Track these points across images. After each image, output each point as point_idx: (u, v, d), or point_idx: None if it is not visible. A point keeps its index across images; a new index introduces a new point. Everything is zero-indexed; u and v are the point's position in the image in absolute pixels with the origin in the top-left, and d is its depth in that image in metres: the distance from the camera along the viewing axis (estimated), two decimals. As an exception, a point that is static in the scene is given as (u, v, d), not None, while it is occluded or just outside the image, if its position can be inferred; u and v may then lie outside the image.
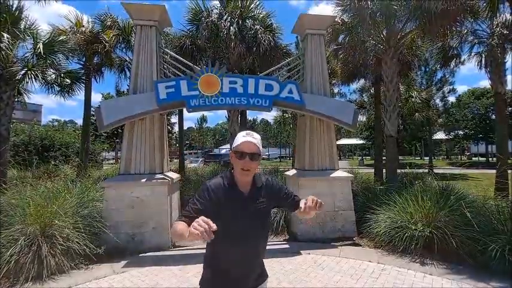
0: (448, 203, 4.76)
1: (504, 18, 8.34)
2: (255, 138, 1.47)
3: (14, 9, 6.80)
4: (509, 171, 7.76)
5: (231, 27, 8.28)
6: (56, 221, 4.09)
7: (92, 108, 10.91)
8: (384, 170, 8.79)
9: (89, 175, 7.80)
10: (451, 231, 4.26)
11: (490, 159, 29.87)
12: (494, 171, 7.95)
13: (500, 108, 8.60)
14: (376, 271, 4.07)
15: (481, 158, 35.79)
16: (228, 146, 11.03)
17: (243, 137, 1.47)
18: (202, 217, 1.12)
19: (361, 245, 5.20)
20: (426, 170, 9.14)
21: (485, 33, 8.71)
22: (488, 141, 28.22)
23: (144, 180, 5.17)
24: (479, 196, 5.41)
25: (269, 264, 4.21)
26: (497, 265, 3.79)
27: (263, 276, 1.65)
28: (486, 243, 3.99)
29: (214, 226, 1.08)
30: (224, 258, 1.51)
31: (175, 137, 39.69)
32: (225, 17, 8.53)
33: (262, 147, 1.59)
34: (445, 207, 4.67)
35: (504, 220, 4.24)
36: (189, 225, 1.17)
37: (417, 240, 4.34)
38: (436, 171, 16.89)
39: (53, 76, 7.84)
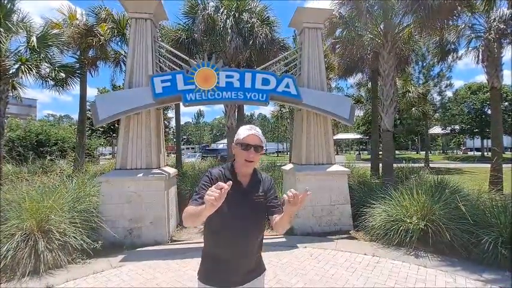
0: (442, 196, 4.81)
1: (501, 13, 8.33)
2: (258, 131, 1.59)
3: (5, 1, 6.66)
4: (503, 165, 7.85)
5: (228, 21, 8.19)
6: (52, 216, 4.08)
7: (87, 103, 10.81)
8: (381, 165, 8.85)
9: (86, 170, 7.77)
10: (446, 225, 4.31)
11: (485, 153, 30.17)
12: (489, 165, 8.03)
13: (495, 102, 8.65)
14: (371, 264, 4.13)
15: (476, 153, 36.14)
16: (225, 140, 11.00)
17: (248, 131, 1.58)
18: (211, 188, 1.20)
19: (357, 239, 5.25)
20: (422, 165, 9.22)
21: (482, 28, 8.72)
22: (483, 135, 28.47)
23: (140, 175, 5.16)
24: (474, 190, 5.48)
25: (266, 257, 4.21)
26: (490, 257, 3.85)
27: (260, 269, 1.68)
28: (479, 236, 4.06)
29: (225, 186, 1.17)
30: (219, 248, 1.55)
31: (173, 132, 39.55)
32: (221, 10, 8.43)
33: None
34: (440, 200, 4.73)
35: (498, 213, 4.30)
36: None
37: (412, 233, 4.40)
38: (431, 165, 17.04)
39: (47, 70, 7.73)
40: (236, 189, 1.54)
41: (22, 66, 6.71)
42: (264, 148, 1.61)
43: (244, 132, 1.58)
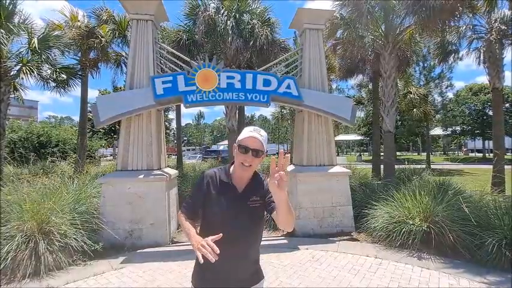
0: (445, 198, 4.78)
1: (503, 14, 8.33)
2: (261, 135, 1.44)
3: (7, 3, 6.69)
4: (505, 166, 7.82)
5: (228, 22, 8.20)
6: (53, 218, 4.06)
7: (88, 104, 10.83)
8: (382, 166, 8.82)
9: (86, 171, 7.77)
10: (448, 226, 4.28)
11: (486, 154, 30.08)
12: (490, 166, 7.99)
13: (497, 103, 8.63)
14: (373, 266, 4.09)
15: (477, 154, 36.03)
16: (226, 142, 10.98)
17: (249, 132, 1.44)
18: (208, 241, 1.26)
19: (359, 240, 5.22)
20: (424, 166, 9.19)
21: (483, 29, 8.71)
22: (485, 136, 28.41)
23: (141, 176, 5.14)
24: (476, 191, 5.44)
25: (267, 259, 4.21)
26: (493, 259, 3.82)
27: (257, 277, 1.59)
28: (483, 238, 4.03)
29: (217, 250, 1.23)
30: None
31: (173, 133, 39.59)
32: (222, 11, 8.44)
33: None
34: (443, 202, 4.70)
35: (501, 215, 4.27)
36: (189, 218, 1.53)
37: (414, 235, 4.37)
38: (433, 166, 16.98)
39: (49, 71, 7.75)
40: (229, 194, 1.48)
41: (23, 68, 6.73)
42: (265, 152, 1.48)
43: (245, 133, 1.46)
